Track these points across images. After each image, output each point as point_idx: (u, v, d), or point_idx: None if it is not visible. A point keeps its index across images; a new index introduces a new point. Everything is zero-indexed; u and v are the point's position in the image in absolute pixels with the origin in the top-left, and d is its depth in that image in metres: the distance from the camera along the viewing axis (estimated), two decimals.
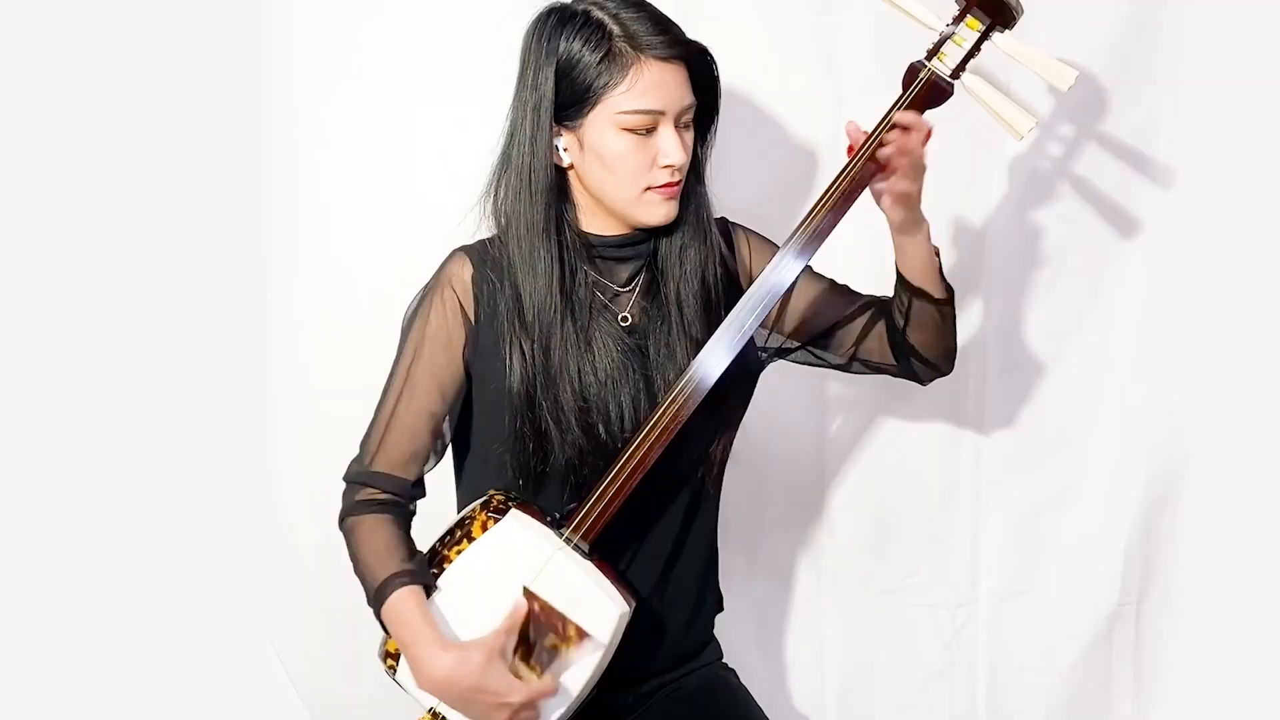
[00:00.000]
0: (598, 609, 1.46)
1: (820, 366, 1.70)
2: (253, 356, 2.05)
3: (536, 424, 1.51)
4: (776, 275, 1.48)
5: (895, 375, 1.67)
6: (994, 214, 2.04)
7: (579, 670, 1.47)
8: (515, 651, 1.46)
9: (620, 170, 1.47)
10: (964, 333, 1.99)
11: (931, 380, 1.68)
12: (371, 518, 1.54)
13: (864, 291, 1.67)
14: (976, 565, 2.15)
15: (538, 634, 1.46)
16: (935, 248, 1.55)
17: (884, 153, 1.46)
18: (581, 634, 1.46)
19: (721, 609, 1.73)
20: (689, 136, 1.50)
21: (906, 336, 1.59)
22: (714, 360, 1.47)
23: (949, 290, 1.58)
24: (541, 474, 1.53)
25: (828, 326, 1.64)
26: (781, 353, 1.68)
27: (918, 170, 1.47)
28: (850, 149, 1.49)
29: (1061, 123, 2.01)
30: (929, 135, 1.47)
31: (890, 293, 1.60)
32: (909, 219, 1.50)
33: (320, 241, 2.04)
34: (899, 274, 1.56)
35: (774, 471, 2.15)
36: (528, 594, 1.46)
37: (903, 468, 2.15)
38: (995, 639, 2.17)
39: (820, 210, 1.48)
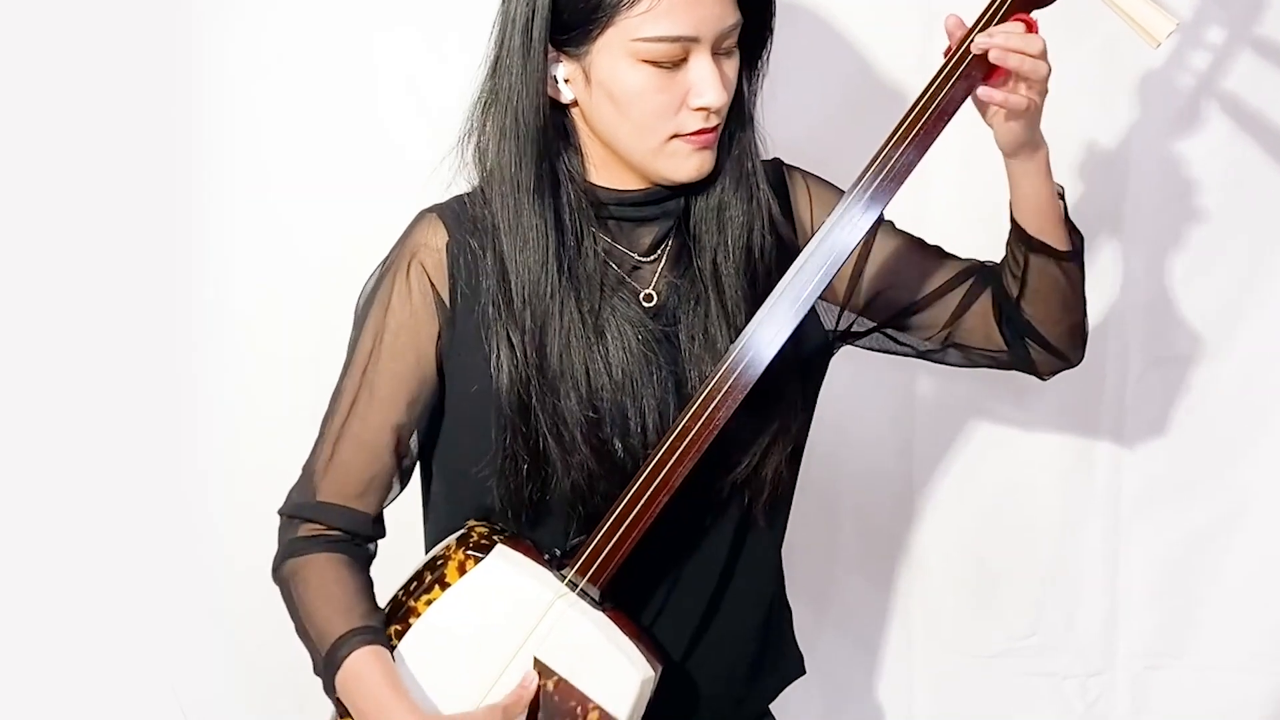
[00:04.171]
0: (612, 674, 1.45)
1: (902, 354, 1.68)
2: (166, 346, 2.09)
3: (532, 440, 1.49)
4: (840, 231, 1.44)
5: (1004, 366, 1.63)
6: (1135, 154, 2.05)
7: None
8: None
9: (638, 113, 1.44)
10: (1099, 312, 2.03)
11: (1054, 373, 1.64)
12: (320, 558, 1.53)
13: (963, 256, 1.64)
14: (1114, 621, 2.19)
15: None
16: (1059, 186, 1.52)
17: (996, 53, 1.42)
18: None
19: (803, 672, 1.74)
20: (731, 66, 1.47)
21: (1021, 310, 1.56)
22: (766, 338, 1.44)
23: (1077, 240, 1.54)
24: (539, 504, 1.52)
25: (912, 300, 1.62)
26: (850, 336, 1.65)
27: (1040, 75, 1.43)
28: (948, 50, 1.44)
29: (1209, 26, 1.98)
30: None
31: (999, 258, 1.57)
32: (1025, 140, 1.47)
33: (254, 199, 2.06)
34: (1013, 221, 1.53)
35: (846, 494, 2.18)
36: (540, 667, 1.45)
37: (1016, 490, 2.17)
38: (1139, 717, 2.21)
39: (903, 137, 1.43)
